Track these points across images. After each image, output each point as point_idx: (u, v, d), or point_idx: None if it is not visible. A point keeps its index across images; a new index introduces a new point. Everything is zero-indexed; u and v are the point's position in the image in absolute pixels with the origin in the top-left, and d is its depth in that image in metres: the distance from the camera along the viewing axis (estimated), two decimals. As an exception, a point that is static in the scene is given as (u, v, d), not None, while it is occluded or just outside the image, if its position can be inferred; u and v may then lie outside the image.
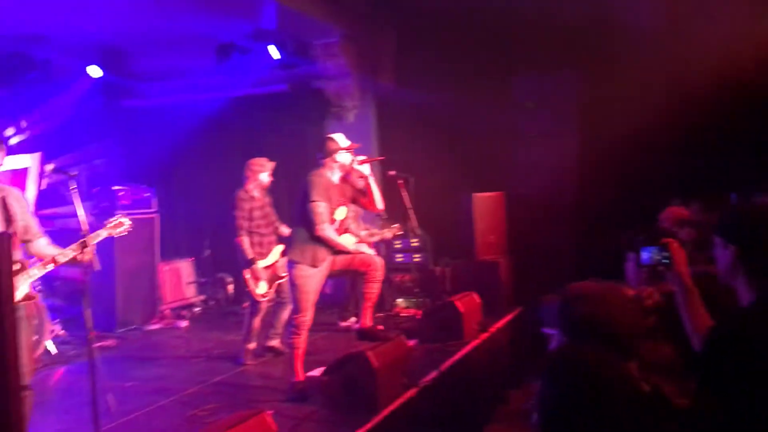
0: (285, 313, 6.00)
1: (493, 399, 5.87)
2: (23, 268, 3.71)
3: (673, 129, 6.90)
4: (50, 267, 3.81)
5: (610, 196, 7.26)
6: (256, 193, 6.04)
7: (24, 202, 3.92)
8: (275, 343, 6.11)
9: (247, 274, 5.86)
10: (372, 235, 6.72)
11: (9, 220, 3.72)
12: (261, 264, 5.89)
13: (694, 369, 2.04)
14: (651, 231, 2.72)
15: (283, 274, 5.92)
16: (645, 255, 2.44)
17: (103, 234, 4.01)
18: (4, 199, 3.76)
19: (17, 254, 3.73)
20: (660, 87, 6.99)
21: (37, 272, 3.76)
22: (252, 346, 5.95)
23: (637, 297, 2.40)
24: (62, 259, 3.80)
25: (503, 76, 8.02)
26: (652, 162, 7.07)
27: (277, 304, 6.12)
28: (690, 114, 6.76)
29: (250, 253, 5.84)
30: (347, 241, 5.34)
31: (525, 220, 7.77)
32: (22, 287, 3.65)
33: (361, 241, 6.72)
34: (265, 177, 6.05)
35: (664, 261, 2.38)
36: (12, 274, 2.35)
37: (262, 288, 5.87)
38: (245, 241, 5.85)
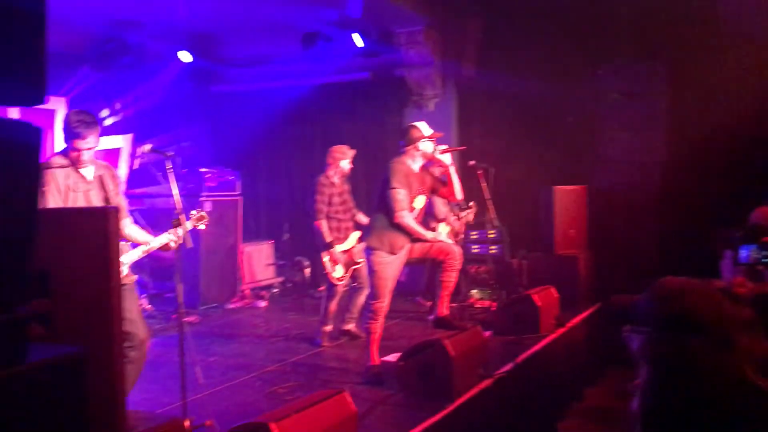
0: (361, 298, 6.09)
1: (568, 395, 5.80)
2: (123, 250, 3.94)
3: (766, 121, 6.61)
4: (143, 250, 4.02)
5: (697, 192, 7.01)
6: (336, 180, 6.13)
7: (117, 181, 4.14)
8: (351, 326, 6.21)
9: (325, 257, 5.97)
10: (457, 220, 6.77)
11: (106, 199, 3.94)
12: (338, 248, 5.99)
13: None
14: (749, 229, 2.63)
15: (359, 260, 6.01)
16: (744, 253, 2.37)
17: (188, 226, 4.18)
18: (101, 178, 3.97)
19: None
20: (753, 77, 6.71)
21: (136, 254, 3.98)
22: (328, 328, 6.07)
23: (727, 287, 2.33)
24: (157, 244, 4.00)
25: (589, 66, 7.83)
26: (744, 156, 6.77)
27: (353, 288, 6.22)
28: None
29: (328, 236, 5.95)
30: (442, 230, 5.36)
31: (607, 215, 7.60)
32: (125, 264, 3.87)
33: (453, 230, 6.76)
34: (345, 164, 6.14)
35: (764, 260, 2.31)
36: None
37: (338, 271, 5.97)
38: (324, 224, 5.97)
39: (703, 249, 5.48)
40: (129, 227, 4.07)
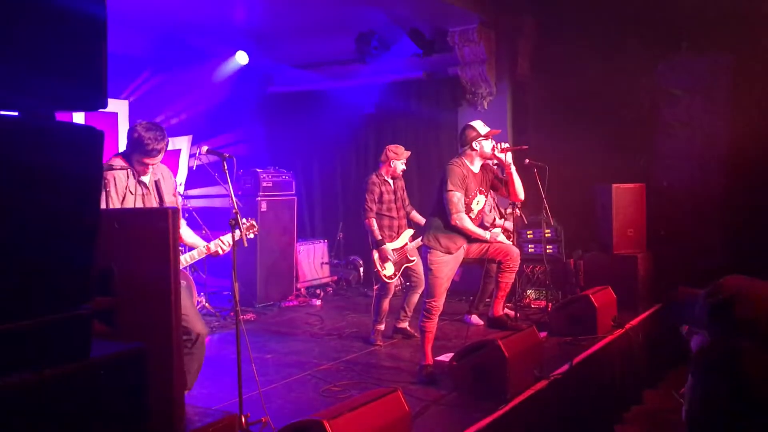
0: (415, 297, 6.10)
1: (626, 398, 5.68)
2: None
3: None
4: (191, 256, 4.15)
5: (762, 189, 6.76)
6: (389, 179, 6.15)
7: (171, 182, 4.27)
8: (405, 325, 6.22)
9: (375, 255, 6.00)
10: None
11: (161, 200, 4.07)
12: (389, 246, 6.00)
13: None
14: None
15: (413, 258, 6.01)
16: None
17: (237, 235, 4.23)
18: (157, 183, 4.12)
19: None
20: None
21: (196, 256, 4.10)
22: (382, 327, 6.09)
23: None
24: (203, 250, 4.11)
25: (648, 61, 7.64)
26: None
27: (407, 287, 6.23)
28: None
29: (378, 234, 5.98)
30: (496, 232, 5.32)
31: (667, 214, 7.40)
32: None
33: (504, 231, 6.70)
34: (399, 164, 6.14)
35: None
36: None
37: (389, 269, 5.99)
38: (374, 222, 6.00)
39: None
40: (182, 228, 4.18)
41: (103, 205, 3.75)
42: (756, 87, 6.94)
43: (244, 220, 4.61)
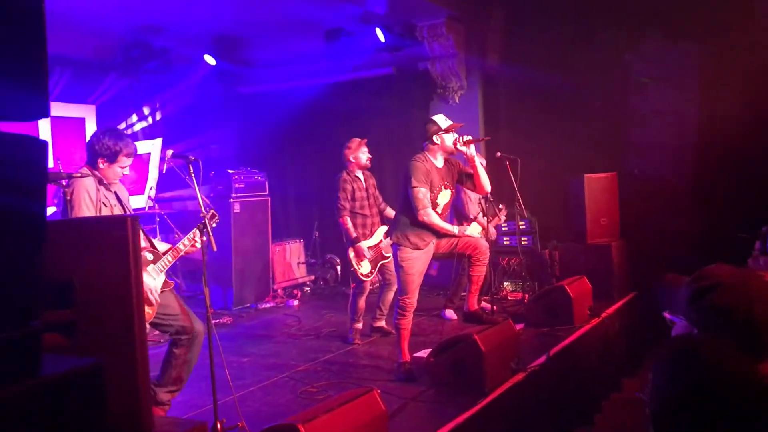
0: (390, 295, 6.07)
1: (604, 387, 5.70)
2: (157, 257, 4.01)
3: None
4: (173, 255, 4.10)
5: (732, 178, 6.83)
6: (360, 175, 6.12)
7: (126, 193, 4.26)
8: (382, 323, 6.20)
9: (351, 254, 5.97)
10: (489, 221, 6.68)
11: (124, 210, 4.03)
12: (364, 244, 5.97)
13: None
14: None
15: (387, 255, 5.99)
16: None
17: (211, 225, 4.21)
18: (117, 193, 4.08)
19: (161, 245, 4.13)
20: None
21: (170, 259, 4.05)
22: (359, 325, 6.06)
23: None
24: (182, 247, 4.06)
25: (616, 51, 7.67)
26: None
27: (382, 285, 6.20)
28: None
29: (353, 232, 5.95)
30: (473, 229, 5.27)
31: (639, 203, 7.45)
32: (161, 275, 4.00)
33: (484, 229, 6.69)
34: (361, 155, 6.11)
35: None
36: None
37: (365, 268, 5.96)
38: (348, 221, 5.96)
39: (739, 235, 5.35)
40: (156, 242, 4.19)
41: (72, 215, 3.70)
42: (724, 75, 6.99)
43: (208, 213, 4.55)
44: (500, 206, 6.72)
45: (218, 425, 3.58)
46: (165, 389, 4.04)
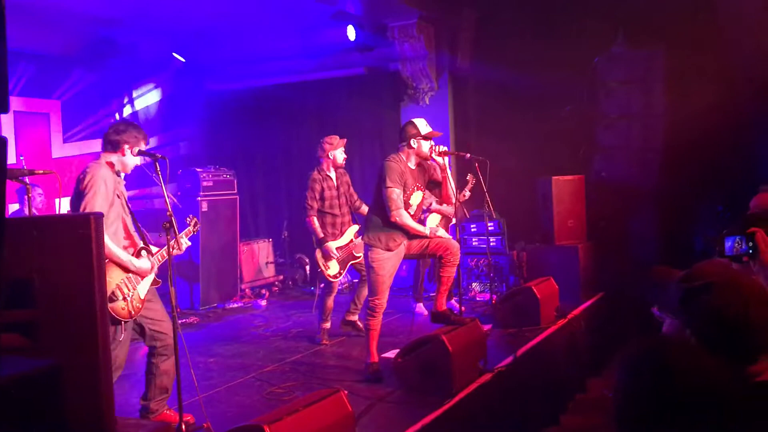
0: (365, 290, 6.03)
1: (570, 387, 5.77)
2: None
3: (764, 110, 6.54)
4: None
5: (698, 180, 6.96)
6: (332, 173, 6.07)
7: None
8: (355, 318, 6.15)
9: (318, 254, 5.95)
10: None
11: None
12: (333, 244, 5.94)
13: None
14: (740, 219, 2.57)
15: (358, 255, 5.97)
16: (728, 244, 2.31)
17: (184, 241, 4.29)
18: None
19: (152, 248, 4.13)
20: (754, 64, 6.63)
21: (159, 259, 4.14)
22: (327, 325, 6.04)
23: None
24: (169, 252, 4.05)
25: (585, 54, 7.76)
26: (744, 144, 6.72)
27: (359, 281, 6.17)
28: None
29: (319, 233, 5.92)
30: (432, 221, 5.24)
31: (606, 205, 7.55)
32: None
33: (444, 217, 6.70)
34: (339, 154, 6.06)
35: (748, 251, 2.25)
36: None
37: (333, 269, 5.93)
38: (315, 221, 5.93)
39: (702, 237, 5.47)
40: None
41: (89, 208, 3.72)
42: (688, 79, 7.12)
43: (188, 219, 4.55)
44: (468, 177, 6.70)
45: (183, 426, 3.54)
46: (154, 401, 4.07)
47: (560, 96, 7.79)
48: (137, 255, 3.97)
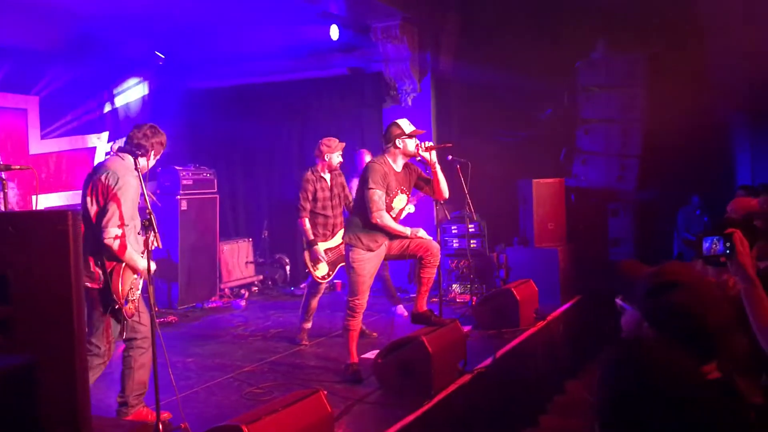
0: None
1: (549, 388, 5.79)
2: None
3: (744, 115, 6.64)
4: None
5: (676, 184, 7.05)
6: (326, 175, 6.03)
7: None
8: None
9: (307, 255, 5.91)
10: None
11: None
12: (322, 246, 5.89)
13: (764, 366, 1.95)
14: (717, 221, 2.61)
15: None
16: (706, 245, 2.34)
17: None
18: None
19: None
20: (730, 71, 6.73)
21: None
22: (308, 325, 6.01)
23: (719, 285, 2.30)
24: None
25: (567, 59, 7.82)
26: (722, 148, 6.82)
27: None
28: (760, 100, 6.48)
29: (310, 234, 5.88)
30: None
31: (585, 208, 7.61)
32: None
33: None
34: (335, 157, 5.99)
35: (725, 252, 2.28)
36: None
37: (321, 270, 5.89)
38: (306, 222, 5.89)
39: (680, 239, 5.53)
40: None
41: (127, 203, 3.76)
42: (667, 85, 7.20)
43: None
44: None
45: (160, 426, 3.51)
46: (132, 395, 4.02)
47: (542, 100, 7.85)
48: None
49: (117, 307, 3.78)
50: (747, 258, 2.27)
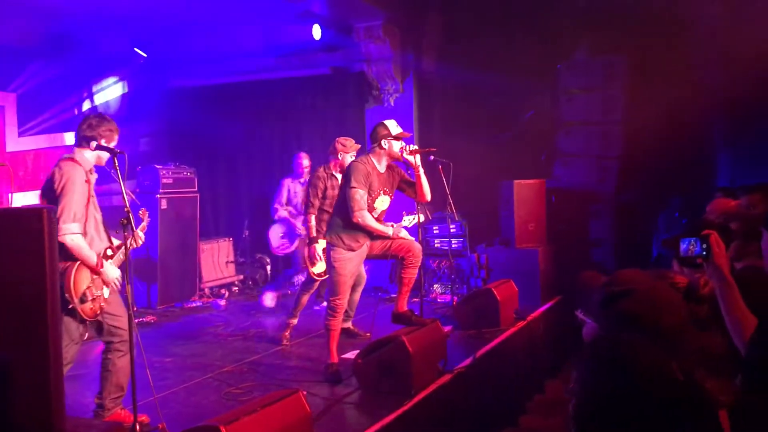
0: (356, 295, 5.90)
1: (529, 388, 5.82)
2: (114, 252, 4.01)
3: (723, 117, 6.71)
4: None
5: (655, 185, 7.11)
6: (337, 174, 6.01)
7: None
8: (349, 324, 6.03)
9: (306, 252, 5.93)
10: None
11: None
12: (321, 245, 5.86)
13: (740, 367, 1.97)
14: (694, 222, 2.64)
15: None
16: (683, 246, 2.36)
17: (140, 235, 4.18)
18: None
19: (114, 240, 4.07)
20: (710, 73, 6.79)
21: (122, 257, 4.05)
22: (294, 321, 5.96)
23: (691, 285, 2.31)
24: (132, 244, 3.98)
25: (548, 61, 7.87)
26: (701, 150, 6.89)
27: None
28: (740, 102, 6.55)
29: (313, 231, 5.91)
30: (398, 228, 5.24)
31: (566, 209, 7.66)
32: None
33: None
34: (348, 158, 5.91)
35: (702, 252, 2.30)
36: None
37: (319, 267, 5.89)
38: (312, 219, 5.91)
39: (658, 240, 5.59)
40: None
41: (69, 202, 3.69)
42: (646, 87, 7.26)
43: (140, 213, 4.50)
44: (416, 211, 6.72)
45: (137, 426, 3.47)
46: (109, 398, 3.98)
47: (524, 101, 7.89)
48: (104, 255, 3.94)
49: (71, 306, 3.71)
50: (723, 259, 2.30)
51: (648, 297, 1.83)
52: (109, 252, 3.98)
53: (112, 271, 3.93)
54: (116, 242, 4.08)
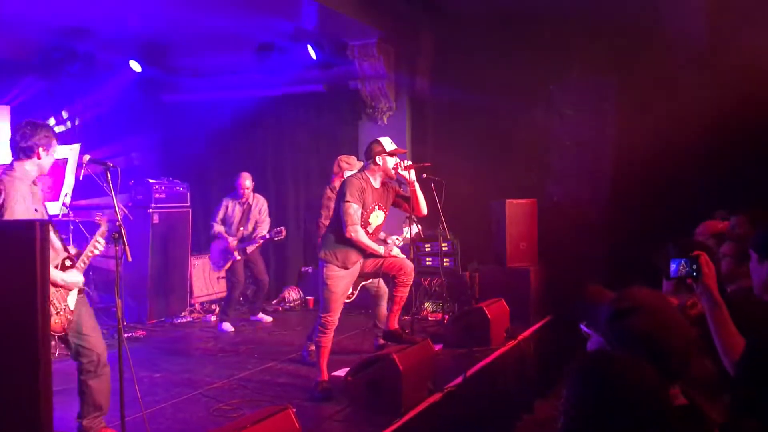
0: (381, 309, 5.66)
1: (518, 408, 5.80)
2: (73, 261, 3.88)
3: (716, 138, 6.76)
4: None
5: (647, 206, 7.13)
6: None
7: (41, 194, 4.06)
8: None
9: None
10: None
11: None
12: None
13: (729, 387, 1.97)
14: (684, 243, 2.66)
15: (364, 272, 5.66)
16: (673, 267, 2.38)
17: (102, 235, 4.05)
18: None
19: (71, 249, 3.95)
20: (703, 93, 6.85)
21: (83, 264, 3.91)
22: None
23: (681, 307, 2.33)
24: (92, 252, 3.92)
25: (541, 80, 7.92)
26: (693, 172, 6.92)
27: (371, 302, 5.89)
28: (734, 122, 6.60)
29: None
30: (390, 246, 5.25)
31: (557, 229, 7.67)
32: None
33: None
34: None
35: (692, 273, 2.32)
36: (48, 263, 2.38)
37: None
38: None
39: (651, 262, 5.58)
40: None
41: (8, 216, 3.51)
42: (636, 107, 7.33)
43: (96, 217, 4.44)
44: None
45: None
46: (88, 418, 3.91)
47: (516, 120, 7.93)
48: (62, 266, 3.78)
49: None
50: (713, 280, 2.31)
51: (658, 315, 1.82)
52: (68, 263, 3.80)
53: (74, 277, 3.78)
54: (73, 250, 3.95)
